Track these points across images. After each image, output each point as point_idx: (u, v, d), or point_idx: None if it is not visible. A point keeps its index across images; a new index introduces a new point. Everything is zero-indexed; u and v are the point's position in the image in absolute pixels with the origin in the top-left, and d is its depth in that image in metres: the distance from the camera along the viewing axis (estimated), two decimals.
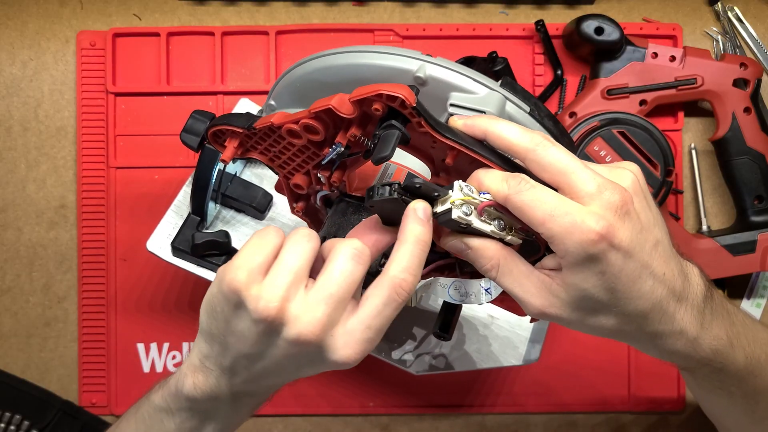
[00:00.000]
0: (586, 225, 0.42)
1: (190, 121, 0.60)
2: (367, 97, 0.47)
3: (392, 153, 0.46)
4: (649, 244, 0.45)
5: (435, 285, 0.54)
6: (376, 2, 0.85)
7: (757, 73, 0.81)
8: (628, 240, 0.43)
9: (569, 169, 0.44)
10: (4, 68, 0.84)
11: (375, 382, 0.83)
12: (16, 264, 0.83)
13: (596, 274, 0.43)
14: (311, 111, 0.49)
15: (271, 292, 0.44)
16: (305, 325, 0.44)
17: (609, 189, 0.43)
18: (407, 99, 0.46)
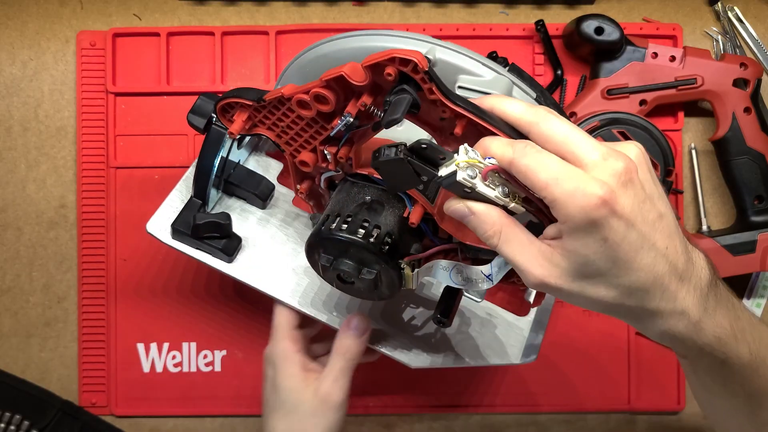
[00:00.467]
0: (589, 190, 0.42)
1: (198, 102, 0.61)
2: (379, 62, 0.48)
3: (402, 116, 0.46)
4: (652, 215, 0.44)
5: (437, 267, 0.54)
6: (376, 2, 0.85)
7: (757, 73, 0.81)
8: (630, 208, 0.43)
9: (573, 139, 0.44)
10: (4, 68, 0.84)
11: (375, 382, 0.83)
12: (16, 264, 0.83)
13: (598, 240, 0.43)
14: (322, 79, 0.50)
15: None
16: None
17: (613, 157, 0.43)
18: (420, 63, 0.47)
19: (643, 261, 0.44)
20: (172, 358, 0.83)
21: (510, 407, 0.84)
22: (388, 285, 0.56)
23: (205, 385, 0.83)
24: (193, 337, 0.82)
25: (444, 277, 0.54)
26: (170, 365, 0.83)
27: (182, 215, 0.68)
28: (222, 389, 0.83)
